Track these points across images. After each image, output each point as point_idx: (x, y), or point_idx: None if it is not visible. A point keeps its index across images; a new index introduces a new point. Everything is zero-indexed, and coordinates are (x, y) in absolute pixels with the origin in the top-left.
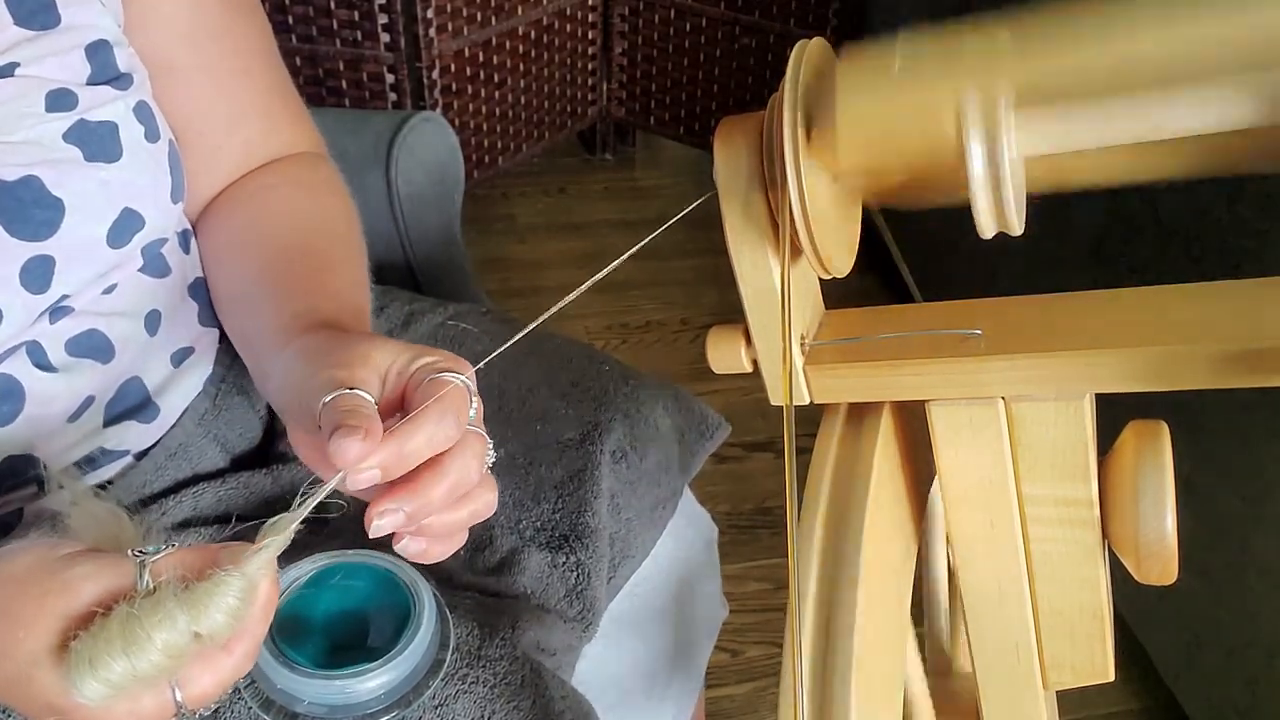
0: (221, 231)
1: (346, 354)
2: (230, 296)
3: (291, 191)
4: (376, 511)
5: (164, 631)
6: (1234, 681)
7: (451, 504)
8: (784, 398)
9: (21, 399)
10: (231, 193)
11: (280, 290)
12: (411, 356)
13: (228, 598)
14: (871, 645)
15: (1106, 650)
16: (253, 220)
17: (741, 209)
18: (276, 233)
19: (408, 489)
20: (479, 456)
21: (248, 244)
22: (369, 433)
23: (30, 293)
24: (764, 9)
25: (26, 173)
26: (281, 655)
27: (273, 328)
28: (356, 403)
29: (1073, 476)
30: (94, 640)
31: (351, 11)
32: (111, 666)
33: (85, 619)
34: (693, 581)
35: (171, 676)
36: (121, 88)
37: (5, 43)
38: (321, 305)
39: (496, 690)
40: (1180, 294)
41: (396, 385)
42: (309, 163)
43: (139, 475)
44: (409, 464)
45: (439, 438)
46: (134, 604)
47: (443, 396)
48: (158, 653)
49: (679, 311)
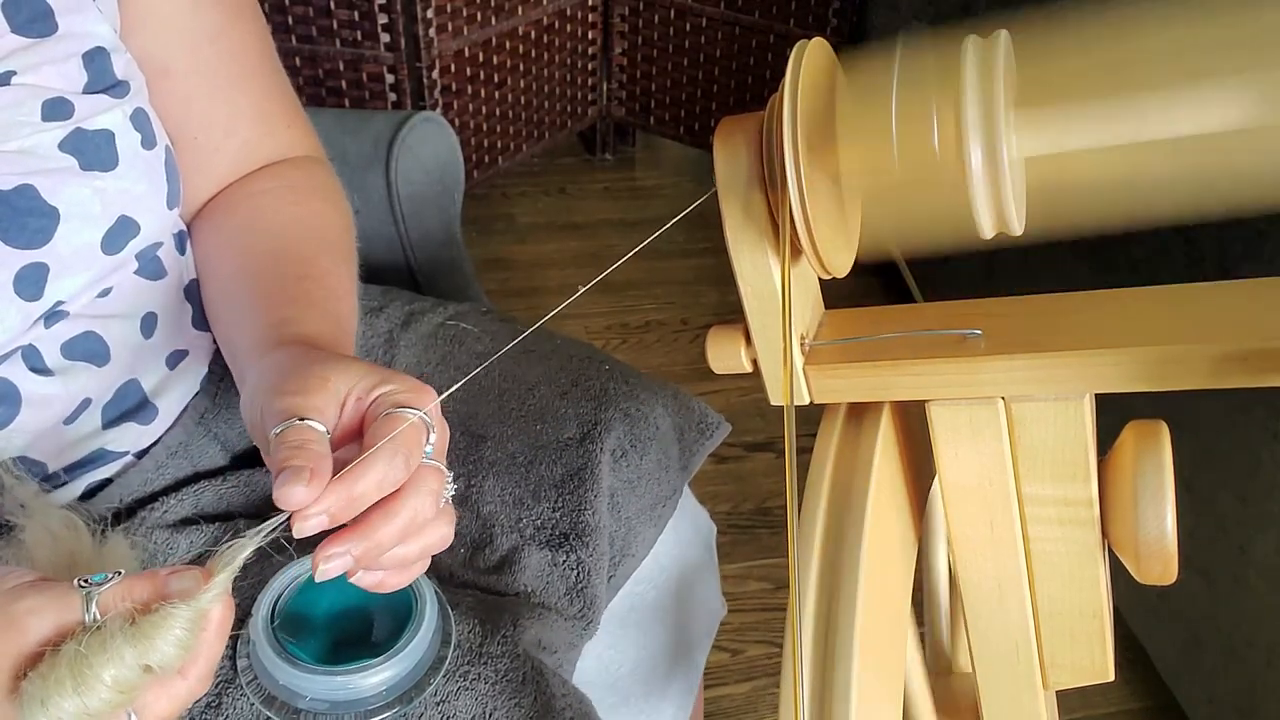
0: (213, 235)
1: (304, 378)
2: (217, 303)
3: (283, 196)
4: (324, 555)
5: (113, 668)
6: (1234, 681)
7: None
8: (784, 398)
9: (18, 403)
10: (225, 196)
11: (261, 299)
12: (372, 384)
13: (175, 630)
14: (871, 645)
15: (1106, 650)
16: (243, 225)
17: (741, 209)
18: (264, 238)
19: (357, 531)
20: (433, 493)
21: (236, 249)
22: (314, 474)
23: (24, 300)
24: (764, 9)
25: (22, 181)
26: (284, 651)
27: (250, 339)
28: (306, 436)
29: (1072, 476)
30: (44, 681)
31: (351, 11)
32: (63, 706)
33: (35, 657)
34: (692, 581)
35: (126, 708)
36: (118, 95)
37: (2, 51)
38: (300, 315)
39: (498, 687)
40: (1180, 294)
41: (355, 411)
42: (305, 166)
43: (139, 474)
44: (357, 508)
45: (388, 480)
46: (81, 642)
47: (395, 436)
48: (108, 689)
49: (679, 311)
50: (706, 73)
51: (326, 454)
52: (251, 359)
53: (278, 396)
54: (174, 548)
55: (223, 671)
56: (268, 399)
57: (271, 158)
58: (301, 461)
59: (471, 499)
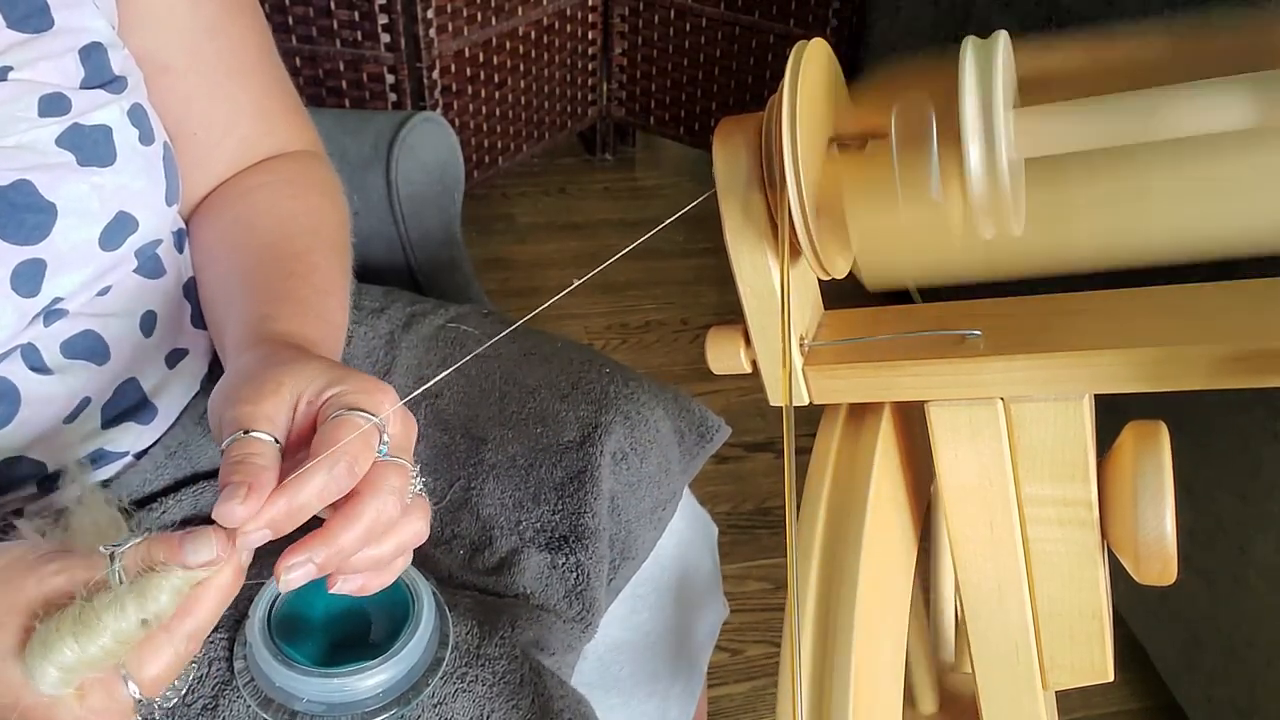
0: (209, 232)
1: (259, 384)
2: (210, 299)
3: (280, 190)
4: (285, 566)
5: (112, 619)
6: (1234, 681)
7: (373, 541)
8: (783, 399)
9: (17, 402)
10: (222, 191)
11: (247, 296)
12: (322, 385)
13: (173, 579)
14: (871, 644)
15: (1106, 650)
16: (238, 219)
17: (741, 209)
18: (256, 234)
19: (318, 539)
20: (396, 492)
21: (229, 246)
22: (252, 489)
23: (21, 296)
24: (764, 9)
25: (19, 177)
26: (280, 653)
27: (233, 337)
28: (249, 450)
29: (1072, 477)
30: (47, 627)
31: (351, 11)
32: (63, 651)
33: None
34: (694, 583)
35: (119, 661)
36: (116, 91)
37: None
38: (281, 312)
39: (495, 689)
40: (1180, 294)
41: (306, 415)
42: (303, 162)
43: (138, 474)
44: (300, 518)
45: (330, 490)
46: (90, 595)
47: (336, 447)
48: (107, 637)
49: (679, 311)
50: (706, 73)
51: (269, 466)
52: (230, 358)
53: (231, 406)
54: None
55: (219, 673)
56: (224, 408)
57: (270, 153)
58: (240, 477)
59: (471, 501)
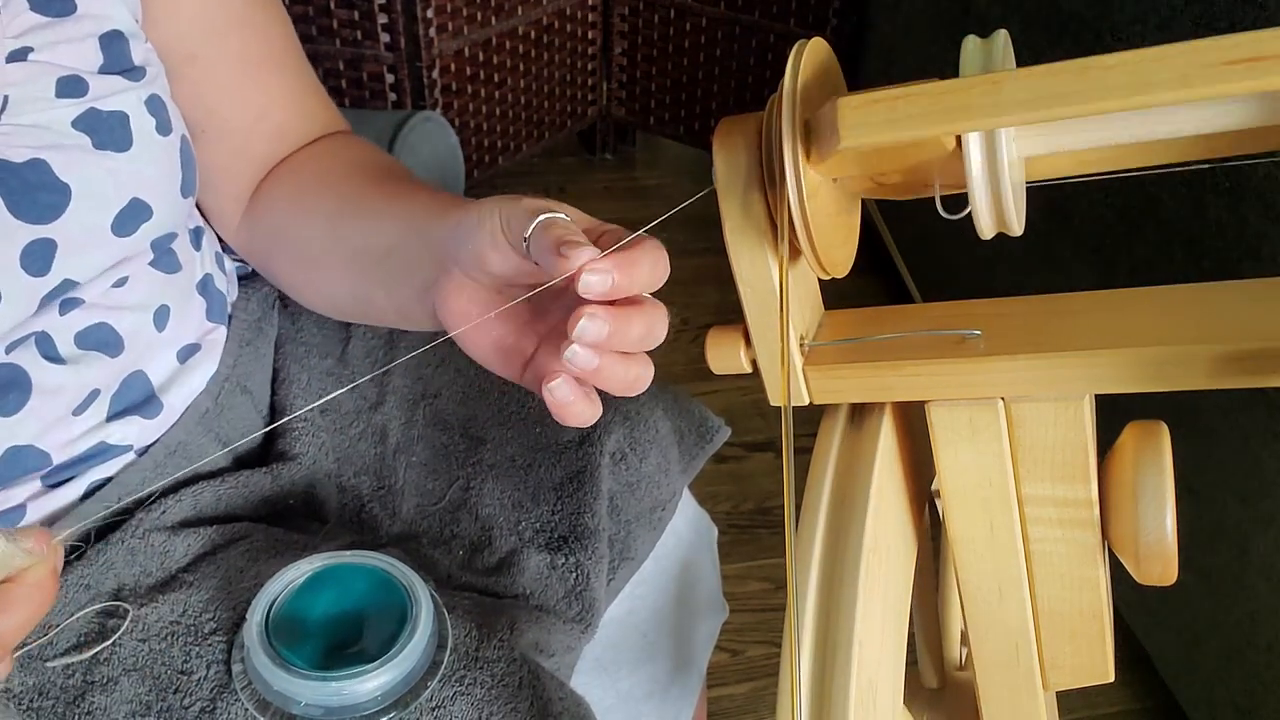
0: (286, 192)
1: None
2: (330, 226)
3: (344, 145)
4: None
5: None
6: (1234, 681)
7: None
8: (783, 399)
9: (28, 390)
10: (284, 167)
11: (400, 191)
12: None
13: None
14: (871, 645)
15: (1106, 651)
16: (321, 171)
17: (740, 209)
18: (355, 166)
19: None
20: (665, 320)
21: (333, 180)
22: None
23: (30, 275)
24: (764, 9)
25: (34, 155)
26: (278, 657)
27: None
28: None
29: (1072, 477)
30: None
31: (351, 11)
32: None
33: None
34: (694, 584)
35: None
36: (134, 80)
37: (20, 27)
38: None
39: (494, 692)
40: (1180, 294)
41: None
42: (346, 136)
43: (138, 473)
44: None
45: (659, 271)
46: None
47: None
48: None
49: (679, 311)
50: (706, 73)
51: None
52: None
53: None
54: (171, 550)
55: (217, 676)
56: (509, 207)
57: (309, 137)
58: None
59: (470, 501)
